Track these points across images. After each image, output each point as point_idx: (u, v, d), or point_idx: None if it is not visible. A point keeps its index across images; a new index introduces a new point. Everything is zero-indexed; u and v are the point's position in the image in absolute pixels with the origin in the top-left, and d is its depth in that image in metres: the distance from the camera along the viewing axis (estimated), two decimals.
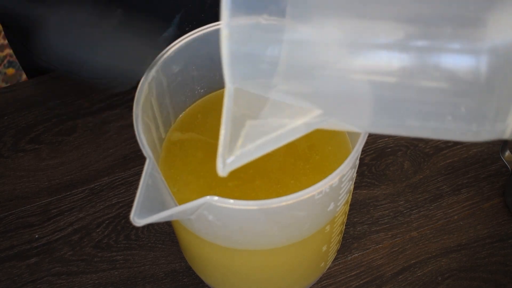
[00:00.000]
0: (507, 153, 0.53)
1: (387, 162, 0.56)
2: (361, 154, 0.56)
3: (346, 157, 0.34)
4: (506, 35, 0.26)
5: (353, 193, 0.54)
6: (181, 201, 0.32)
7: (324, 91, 0.30)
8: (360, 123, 0.31)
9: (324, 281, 0.49)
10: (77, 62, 0.62)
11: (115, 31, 0.58)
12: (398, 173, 0.56)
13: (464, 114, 0.28)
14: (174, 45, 0.39)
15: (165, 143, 0.43)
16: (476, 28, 0.26)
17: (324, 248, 0.43)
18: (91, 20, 0.57)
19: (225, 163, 0.29)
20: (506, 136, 0.28)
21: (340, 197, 0.37)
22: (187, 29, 0.58)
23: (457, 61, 0.27)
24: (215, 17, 0.57)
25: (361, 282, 0.49)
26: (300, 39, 0.29)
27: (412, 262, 0.50)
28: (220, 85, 0.45)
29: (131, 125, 0.47)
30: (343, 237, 0.51)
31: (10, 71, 1.57)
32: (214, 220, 0.34)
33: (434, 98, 0.28)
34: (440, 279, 0.49)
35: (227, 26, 0.27)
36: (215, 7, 0.57)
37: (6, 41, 1.63)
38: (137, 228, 0.52)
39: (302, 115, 0.30)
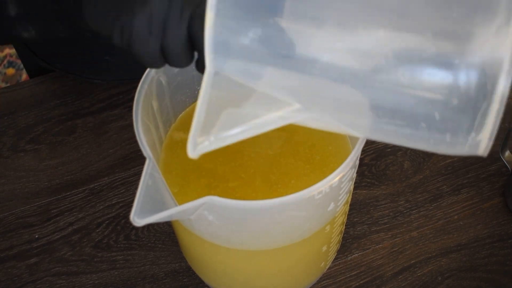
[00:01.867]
0: (507, 153, 0.53)
1: (387, 162, 0.56)
2: (361, 154, 0.56)
3: (346, 157, 0.34)
4: (488, 50, 0.26)
5: (353, 193, 0.54)
6: (182, 201, 0.32)
7: (302, 85, 0.30)
8: (338, 120, 0.31)
9: (324, 281, 0.49)
10: (78, 62, 0.62)
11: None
12: (398, 173, 0.56)
13: (439, 123, 0.28)
14: None
15: (165, 143, 0.43)
16: (461, 41, 0.27)
17: (324, 248, 0.43)
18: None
19: (196, 146, 0.29)
20: (480, 152, 0.28)
21: (340, 197, 0.37)
22: None
23: (438, 72, 0.27)
24: None
25: (361, 282, 0.49)
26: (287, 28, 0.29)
27: (412, 262, 0.50)
28: None
29: (131, 125, 0.46)
30: (343, 237, 0.51)
31: (10, 71, 1.57)
32: (214, 220, 0.34)
33: (410, 103, 0.28)
34: (440, 279, 0.49)
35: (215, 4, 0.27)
36: None
37: None
38: (137, 228, 0.52)
39: (279, 107, 0.30)
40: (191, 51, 0.31)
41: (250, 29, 0.28)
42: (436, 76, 0.27)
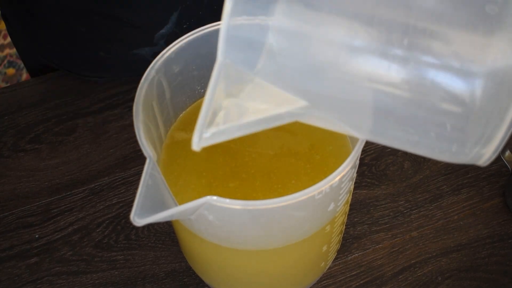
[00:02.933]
0: (507, 153, 0.53)
1: (387, 162, 0.56)
2: (361, 154, 0.56)
3: (346, 157, 0.34)
4: (505, 61, 0.26)
5: (353, 193, 0.54)
6: (182, 201, 0.32)
7: (310, 84, 0.30)
8: (344, 121, 0.31)
9: (324, 281, 0.49)
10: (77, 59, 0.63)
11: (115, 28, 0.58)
12: (398, 173, 0.56)
13: (448, 134, 0.28)
14: (174, 45, 0.39)
15: (166, 143, 0.43)
16: (476, 50, 0.26)
17: (324, 248, 0.43)
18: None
19: (201, 138, 0.29)
20: (480, 162, 0.28)
21: (340, 197, 0.37)
22: (184, 26, 0.58)
23: (452, 80, 0.26)
24: (213, 14, 0.57)
25: (361, 282, 0.49)
26: (291, 27, 0.29)
27: (412, 262, 0.50)
28: None
29: (131, 125, 0.47)
30: (343, 237, 0.51)
31: (10, 71, 1.57)
32: (214, 220, 0.34)
33: (421, 112, 0.28)
34: (440, 279, 0.49)
35: None
36: (214, 4, 0.57)
37: (6, 41, 1.63)
38: (137, 228, 0.52)
39: (286, 103, 0.29)
40: None
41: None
42: (453, 87, 0.26)
